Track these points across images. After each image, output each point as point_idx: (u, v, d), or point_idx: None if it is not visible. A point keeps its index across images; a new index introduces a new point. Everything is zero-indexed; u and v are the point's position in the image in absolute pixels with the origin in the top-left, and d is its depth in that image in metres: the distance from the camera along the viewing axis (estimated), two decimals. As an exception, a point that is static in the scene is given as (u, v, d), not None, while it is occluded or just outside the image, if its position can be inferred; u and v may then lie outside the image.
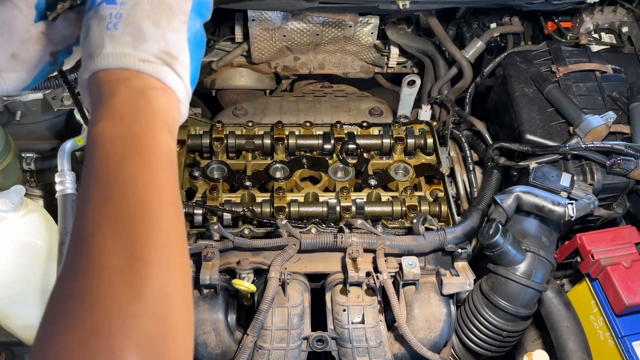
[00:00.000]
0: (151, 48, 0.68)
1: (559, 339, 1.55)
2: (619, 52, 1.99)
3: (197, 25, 0.74)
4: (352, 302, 1.51)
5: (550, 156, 1.65)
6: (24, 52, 0.85)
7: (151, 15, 0.69)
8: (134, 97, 0.66)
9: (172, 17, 0.70)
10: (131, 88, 0.66)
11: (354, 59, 2.29)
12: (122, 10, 0.69)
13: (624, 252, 1.55)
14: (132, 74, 0.67)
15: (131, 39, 0.68)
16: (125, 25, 0.68)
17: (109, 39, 0.68)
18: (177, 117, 0.71)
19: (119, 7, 0.69)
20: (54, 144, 1.81)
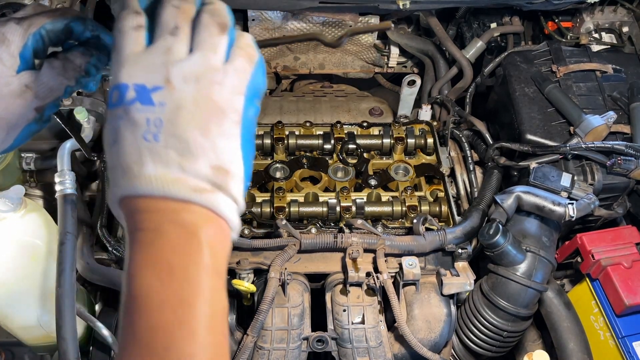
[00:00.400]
0: (202, 168, 0.56)
1: (560, 339, 1.55)
2: (619, 52, 1.99)
3: (250, 117, 0.61)
4: (352, 302, 1.51)
5: (550, 156, 1.65)
6: (3, 109, 0.73)
7: (198, 119, 0.56)
8: (185, 241, 0.55)
9: (223, 119, 0.57)
10: (181, 227, 0.55)
11: (354, 58, 2.29)
12: (161, 114, 0.55)
13: (624, 252, 1.55)
14: (180, 206, 0.55)
15: (177, 156, 0.55)
16: (169, 136, 0.55)
17: (149, 155, 0.55)
18: (228, 252, 0.62)
19: (158, 109, 0.55)
20: (53, 143, 1.81)
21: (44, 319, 1.52)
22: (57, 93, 0.78)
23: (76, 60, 0.79)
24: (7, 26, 0.73)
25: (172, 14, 0.60)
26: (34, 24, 0.75)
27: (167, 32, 0.59)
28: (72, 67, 0.78)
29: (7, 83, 0.73)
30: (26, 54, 0.74)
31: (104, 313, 1.66)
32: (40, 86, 0.75)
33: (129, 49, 0.59)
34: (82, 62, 0.80)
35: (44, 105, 0.77)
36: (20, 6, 1.76)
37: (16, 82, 0.73)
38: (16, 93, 0.74)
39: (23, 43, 0.74)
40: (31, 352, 1.73)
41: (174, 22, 0.60)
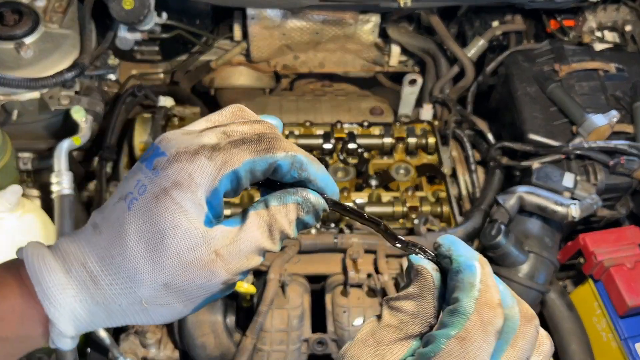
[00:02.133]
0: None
1: (562, 340, 1.54)
2: (622, 51, 1.97)
3: None
4: (352, 303, 1.50)
5: (553, 156, 1.63)
6: (183, 281, 0.54)
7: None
8: None
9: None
10: None
11: (355, 57, 2.27)
12: None
13: (627, 253, 1.53)
14: None
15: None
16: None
17: None
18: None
19: None
20: (50, 143, 1.79)
21: (42, 320, 1.50)
22: (255, 262, 0.58)
23: (287, 216, 0.58)
24: (194, 164, 0.54)
25: None
26: (230, 162, 0.55)
27: None
28: (279, 226, 0.57)
29: (191, 247, 0.54)
30: (215, 201, 0.55)
31: (102, 314, 1.65)
32: (235, 257, 0.55)
33: None
34: (293, 217, 0.58)
35: (236, 279, 0.57)
36: (20, 5, 1.74)
37: (203, 246, 0.54)
38: (202, 263, 0.54)
39: (213, 187, 0.55)
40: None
41: None
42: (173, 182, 0.54)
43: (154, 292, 0.54)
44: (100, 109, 1.75)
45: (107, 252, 0.54)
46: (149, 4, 1.76)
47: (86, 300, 0.54)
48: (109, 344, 1.45)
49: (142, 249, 0.53)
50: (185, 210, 0.54)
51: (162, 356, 1.59)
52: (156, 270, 0.54)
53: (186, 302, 0.56)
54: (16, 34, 1.70)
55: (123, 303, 0.55)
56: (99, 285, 0.54)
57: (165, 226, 0.53)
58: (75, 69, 1.65)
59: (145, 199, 0.54)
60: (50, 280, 0.53)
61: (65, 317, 0.53)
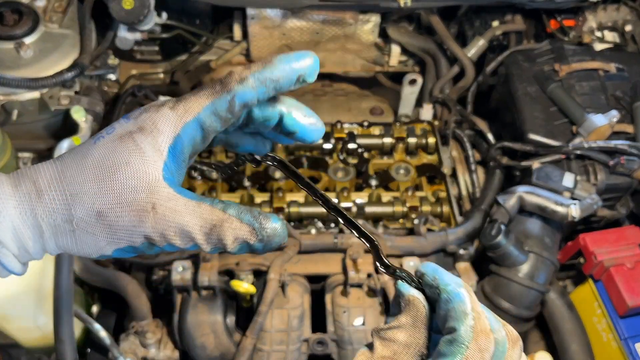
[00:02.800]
0: None
1: (562, 340, 1.54)
2: (622, 51, 1.97)
3: None
4: (352, 303, 1.50)
5: (553, 156, 1.63)
6: (114, 216, 0.59)
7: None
8: None
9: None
10: None
11: (355, 57, 2.27)
12: None
13: (627, 253, 1.53)
14: None
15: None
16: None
17: None
18: None
19: None
20: (50, 143, 1.80)
21: (42, 320, 1.51)
22: (179, 243, 0.59)
23: (233, 233, 0.58)
24: (159, 113, 0.59)
25: None
26: (191, 110, 0.59)
27: None
28: (221, 235, 0.59)
29: (134, 188, 0.57)
30: (177, 148, 0.59)
31: (102, 314, 1.65)
32: (166, 221, 0.58)
33: None
34: (240, 236, 0.59)
35: (157, 242, 0.59)
36: (20, 5, 1.74)
37: (144, 192, 0.57)
38: (137, 207, 0.57)
39: (175, 134, 0.58)
40: (28, 354, 1.72)
41: None
42: (138, 127, 0.59)
43: (86, 216, 0.58)
44: (100, 108, 1.75)
45: (60, 173, 0.59)
46: (149, 4, 1.76)
47: (26, 212, 0.58)
48: (109, 344, 1.45)
49: (93, 174, 0.58)
50: (143, 151, 0.58)
51: (162, 356, 1.59)
52: (97, 196, 0.58)
53: (109, 240, 0.59)
54: (16, 33, 1.70)
55: (57, 219, 0.58)
56: (42, 199, 0.58)
57: (120, 161, 0.58)
58: (75, 69, 1.65)
59: (111, 137, 0.59)
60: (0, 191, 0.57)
61: (4, 224, 0.57)
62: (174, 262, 1.49)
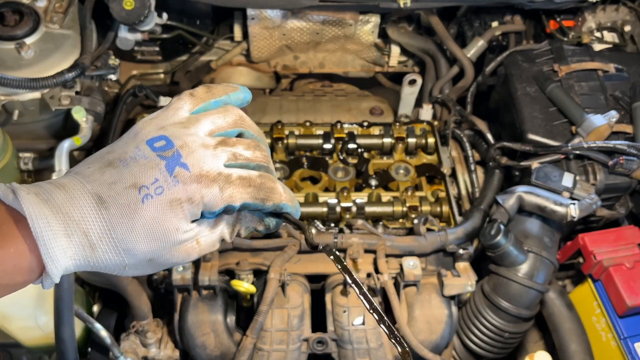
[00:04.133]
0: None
1: (561, 340, 1.54)
2: (621, 51, 1.98)
3: None
4: (352, 303, 1.50)
5: (552, 156, 1.64)
6: (165, 260, 0.67)
7: None
8: None
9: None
10: None
11: (355, 57, 2.27)
12: None
13: (626, 253, 1.54)
14: None
15: None
16: None
17: None
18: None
19: None
20: (51, 143, 1.80)
21: (42, 319, 1.51)
22: (215, 248, 0.71)
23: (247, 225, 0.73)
24: (210, 189, 0.65)
25: None
26: (234, 197, 0.66)
27: None
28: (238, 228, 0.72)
29: (182, 240, 0.66)
30: (208, 217, 0.67)
31: (103, 314, 1.66)
32: (209, 244, 0.69)
33: None
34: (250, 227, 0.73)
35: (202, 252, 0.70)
36: (21, 6, 1.74)
37: (193, 240, 0.67)
38: (185, 249, 0.66)
39: (213, 210, 0.66)
40: (29, 354, 1.72)
41: None
42: (188, 198, 0.64)
43: (138, 263, 0.65)
44: (101, 109, 1.76)
45: (110, 227, 0.62)
46: (150, 4, 1.77)
47: (80, 260, 0.63)
48: (110, 343, 1.45)
49: (145, 236, 0.63)
50: (189, 218, 0.65)
51: (163, 356, 1.59)
52: (150, 252, 0.64)
53: (156, 270, 0.68)
54: (17, 34, 1.71)
55: (109, 266, 0.64)
56: (95, 251, 0.62)
57: (171, 227, 0.64)
58: (76, 69, 1.66)
59: (160, 200, 0.63)
60: (55, 245, 0.61)
61: (59, 271, 0.62)
62: (175, 261, 1.49)
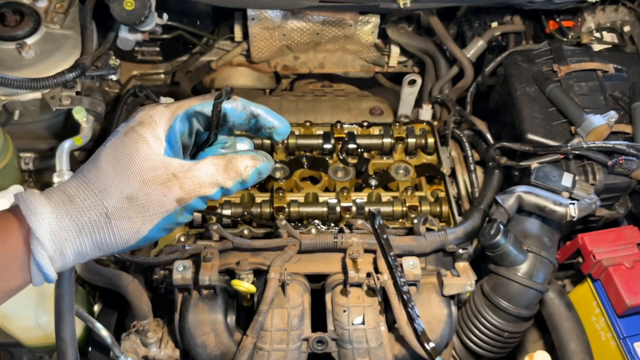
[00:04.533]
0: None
1: (561, 340, 1.54)
2: (620, 52, 1.98)
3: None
4: (352, 303, 1.50)
5: (551, 156, 1.64)
6: (143, 195, 0.66)
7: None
8: None
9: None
10: None
11: (354, 58, 2.28)
12: None
13: (625, 253, 1.54)
14: None
15: None
16: None
17: None
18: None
19: None
20: (52, 143, 1.80)
21: (43, 319, 1.51)
22: (208, 191, 0.70)
23: (243, 162, 0.71)
24: (155, 109, 0.71)
25: None
26: (182, 106, 0.71)
27: None
28: (234, 167, 0.71)
29: (151, 167, 0.67)
30: (171, 137, 0.69)
31: (103, 313, 1.66)
32: (189, 180, 0.68)
33: None
34: (249, 164, 0.72)
35: (189, 199, 0.69)
36: (21, 6, 1.75)
37: (162, 169, 0.67)
38: (160, 180, 0.67)
39: (169, 125, 0.69)
40: (30, 353, 1.72)
41: None
42: (138, 122, 0.69)
43: (118, 204, 0.66)
44: (102, 109, 1.76)
45: (84, 178, 0.68)
46: (150, 4, 1.77)
47: (61, 214, 0.65)
48: (110, 343, 1.45)
49: (111, 168, 0.67)
50: (147, 140, 0.68)
51: (163, 355, 1.60)
52: (122, 184, 0.66)
53: (144, 219, 0.67)
54: (17, 34, 1.71)
55: (92, 215, 0.66)
56: (74, 202, 0.66)
57: (130, 150, 0.67)
58: (77, 69, 1.66)
59: (117, 137, 0.69)
60: (35, 200, 0.65)
61: (43, 226, 0.64)
62: (175, 261, 1.50)
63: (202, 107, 0.72)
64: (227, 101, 0.72)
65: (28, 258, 0.65)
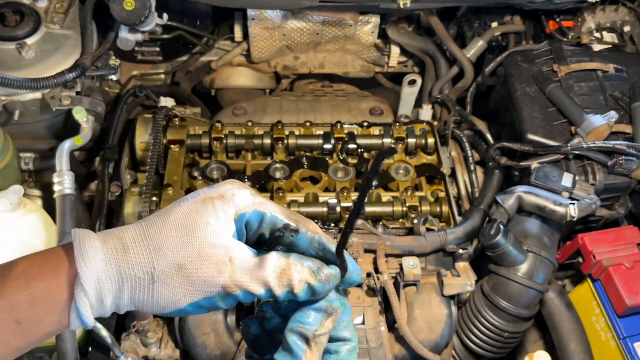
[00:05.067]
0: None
1: (561, 340, 1.54)
2: (620, 52, 1.98)
3: None
4: (352, 303, 1.50)
5: (551, 156, 1.64)
6: (194, 268, 0.64)
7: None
8: None
9: None
10: None
11: (355, 58, 2.28)
12: None
13: (625, 253, 1.54)
14: None
15: None
16: None
17: None
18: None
19: None
20: (52, 143, 1.80)
21: (43, 319, 1.51)
22: (255, 289, 0.65)
23: (299, 275, 0.66)
24: (241, 191, 0.68)
25: None
26: (266, 207, 0.68)
27: None
28: (289, 275, 0.66)
29: (213, 244, 0.64)
30: (238, 224, 0.67)
31: (103, 314, 1.66)
32: (243, 270, 0.65)
33: None
34: (304, 278, 0.67)
35: (235, 290, 0.65)
36: (21, 6, 1.75)
37: (222, 248, 0.64)
38: (216, 259, 0.64)
39: (244, 212, 0.67)
40: (30, 353, 1.72)
41: None
42: (219, 195, 0.67)
43: (167, 269, 0.64)
44: (102, 109, 1.76)
45: (144, 230, 0.66)
46: (150, 4, 1.77)
47: (111, 265, 0.63)
48: (110, 343, 1.45)
49: (175, 229, 0.65)
50: (219, 217, 0.66)
51: (163, 355, 1.60)
52: (178, 249, 0.64)
53: (186, 292, 0.65)
54: (17, 34, 1.71)
55: (139, 272, 0.64)
56: (127, 253, 0.64)
57: (201, 221, 0.65)
58: (77, 69, 1.66)
59: (194, 200, 0.67)
60: (89, 245, 0.64)
61: (90, 274, 0.63)
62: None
63: (284, 220, 0.68)
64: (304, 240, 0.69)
65: (69, 304, 0.64)
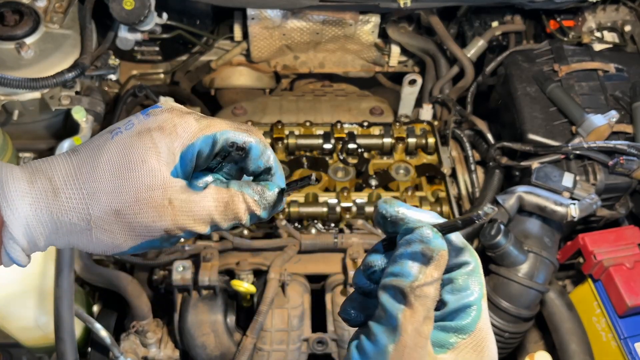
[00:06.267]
0: None
1: (561, 340, 1.54)
2: (621, 51, 1.98)
3: None
4: (352, 303, 1.50)
5: (552, 156, 1.64)
6: (132, 214, 0.59)
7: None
8: None
9: None
10: None
11: (355, 57, 2.27)
12: None
13: (626, 253, 1.54)
14: None
15: None
16: None
17: None
18: None
19: None
20: (51, 143, 1.80)
21: (42, 320, 1.51)
22: (199, 228, 0.62)
23: (244, 205, 0.63)
24: (182, 119, 0.62)
25: None
26: (213, 127, 0.62)
27: None
28: (234, 209, 0.63)
29: (149, 186, 0.59)
30: (188, 155, 0.61)
31: (103, 314, 1.66)
32: (184, 213, 0.61)
33: None
34: (250, 207, 0.63)
35: (178, 232, 0.62)
36: (20, 6, 1.74)
37: (160, 190, 0.59)
38: (155, 203, 0.59)
39: (191, 142, 0.61)
40: (29, 354, 1.72)
41: None
42: (158, 126, 0.61)
43: (104, 215, 0.59)
44: (101, 109, 1.76)
45: (76, 169, 0.60)
46: (150, 4, 1.77)
47: (41, 209, 0.59)
48: (110, 343, 1.45)
49: (109, 172, 0.59)
50: (159, 151, 0.60)
51: (163, 356, 1.59)
52: (114, 194, 0.59)
53: (127, 237, 0.61)
54: (17, 34, 1.71)
55: (73, 218, 0.59)
56: (58, 197, 0.59)
57: (136, 158, 0.59)
58: (76, 69, 1.65)
59: (129, 133, 0.60)
60: (13, 188, 0.58)
61: (18, 221, 0.58)
62: (175, 262, 1.49)
63: (233, 136, 0.63)
64: (256, 148, 0.64)
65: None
